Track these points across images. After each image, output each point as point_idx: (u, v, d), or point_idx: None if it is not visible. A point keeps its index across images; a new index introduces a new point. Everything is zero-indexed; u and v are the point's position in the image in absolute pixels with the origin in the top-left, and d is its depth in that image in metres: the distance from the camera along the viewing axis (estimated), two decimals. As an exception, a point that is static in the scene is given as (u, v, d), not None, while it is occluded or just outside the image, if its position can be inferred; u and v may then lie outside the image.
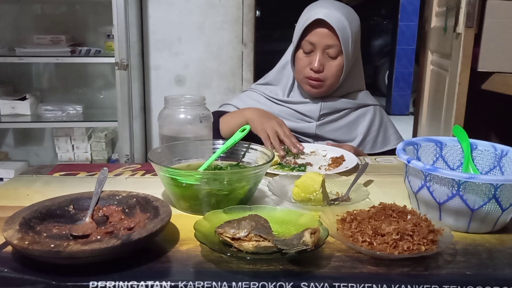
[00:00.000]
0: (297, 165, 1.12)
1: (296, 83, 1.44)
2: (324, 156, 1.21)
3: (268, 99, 1.44)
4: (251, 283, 0.60)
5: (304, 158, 1.19)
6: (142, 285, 0.60)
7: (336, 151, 1.22)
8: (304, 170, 1.09)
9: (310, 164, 1.14)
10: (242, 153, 0.96)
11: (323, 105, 1.38)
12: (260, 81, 1.52)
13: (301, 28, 1.32)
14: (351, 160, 1.13)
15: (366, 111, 1.43)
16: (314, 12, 1.30)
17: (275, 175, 0.98)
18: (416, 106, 2.65)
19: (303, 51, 1.34)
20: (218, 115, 1.38)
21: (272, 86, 1.48)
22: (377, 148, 1.43)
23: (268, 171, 1.03)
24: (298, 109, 1.39)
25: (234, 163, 0.95)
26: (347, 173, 1.04)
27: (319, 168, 1.11)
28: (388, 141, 1.45)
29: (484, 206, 0.73)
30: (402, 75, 5.75)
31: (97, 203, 0.78)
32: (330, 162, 1.14)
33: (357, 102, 1.42)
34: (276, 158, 1.12)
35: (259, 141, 1.20)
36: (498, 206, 0.73)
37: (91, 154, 2.57)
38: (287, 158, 1.18)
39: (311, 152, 1.24)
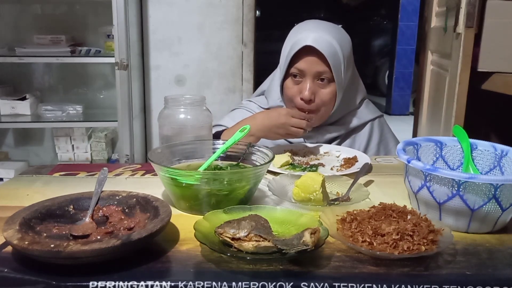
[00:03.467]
0: (308, 166, 1.12)
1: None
2: (338, 156, 1.21)
3: None
4: (251, 283, 0.60)
5: (318, 159, 1.19)
6: (142, 285, 0.60)
7: (350, 152, 1.21)
8: (316, 171, 1.08)
9: (322, 165, 1.13)
10: (243, 153, 0.96)
11: (318, 140, 1.31)
12: (252, 100, 1.43)
13: (289, 56, 1.22)
14: (364, 161, 1.10)
15: (362, 128, 1.36)
16: (302, 36, 1.20)
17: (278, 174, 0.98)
18: (416, 106, 2.65)
19: (292, 78, 1.25)
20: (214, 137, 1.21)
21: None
22: None
23: (279, 171, 1.03)
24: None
25: (234, 163, 0.95)
26: (352, 173, 1.03)
27: (331, 169, 1.11)
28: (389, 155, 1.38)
29: (484, 206, 0.73)
30: (402, 75, 5.75)
31: (97, 203, 0.78)
32: (343, 163, 1.14)
33: (350, 126, 1.33)
34: (288, 159, 1.12)
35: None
36: (498, 206, 0.73)
37: (91, 154, 2.57)
38: (299, 159, 1.17)
39: (325, 153, 1.23)
